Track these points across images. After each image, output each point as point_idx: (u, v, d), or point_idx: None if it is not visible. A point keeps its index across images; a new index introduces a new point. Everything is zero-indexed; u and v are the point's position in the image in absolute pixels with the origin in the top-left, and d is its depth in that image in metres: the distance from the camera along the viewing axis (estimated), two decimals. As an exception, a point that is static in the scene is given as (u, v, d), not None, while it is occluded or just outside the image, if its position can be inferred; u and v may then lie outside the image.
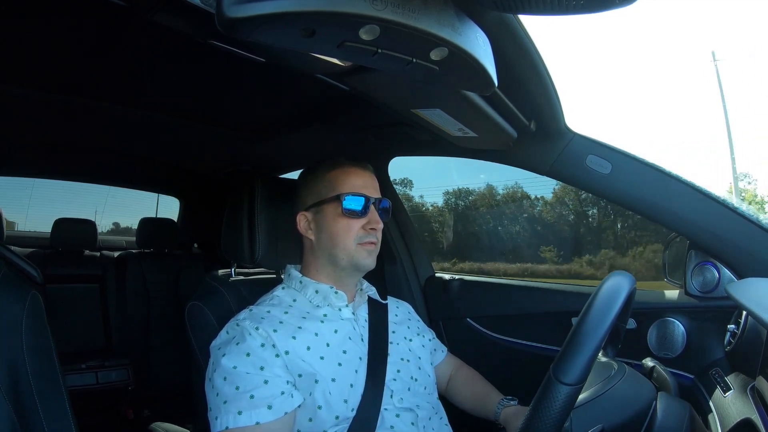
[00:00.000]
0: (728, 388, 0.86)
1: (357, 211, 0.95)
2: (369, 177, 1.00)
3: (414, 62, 0.56)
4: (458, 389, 1.14)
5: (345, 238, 0.95)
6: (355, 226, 0.95)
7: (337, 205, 0.95)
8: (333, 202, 0.96)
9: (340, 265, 0.96)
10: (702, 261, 1.07)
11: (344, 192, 0.95)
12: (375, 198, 0.98)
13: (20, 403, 0.71)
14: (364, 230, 0.96)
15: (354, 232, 0.95)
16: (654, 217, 1.07)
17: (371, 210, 0.97)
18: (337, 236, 0.95)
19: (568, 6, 0.48)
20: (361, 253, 0.95)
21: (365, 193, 0.97)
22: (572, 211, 4.91)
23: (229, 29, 0.44)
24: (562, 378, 0.58)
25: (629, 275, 0.66)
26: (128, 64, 1.07)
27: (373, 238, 0.97)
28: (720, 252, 1.03)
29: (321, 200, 0.97)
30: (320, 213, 0.97)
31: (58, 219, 2.34)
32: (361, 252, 0.95)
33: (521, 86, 0.88)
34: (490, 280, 1.52)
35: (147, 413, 2.24)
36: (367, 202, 0.96)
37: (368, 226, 0.96)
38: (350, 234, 0.95)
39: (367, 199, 0.96)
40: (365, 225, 0.96)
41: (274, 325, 0.88)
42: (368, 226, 0.96)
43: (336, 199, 0.95)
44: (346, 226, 0.95)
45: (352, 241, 0.95)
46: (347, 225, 0.95)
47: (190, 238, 2.76)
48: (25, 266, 0.89)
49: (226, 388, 0.81)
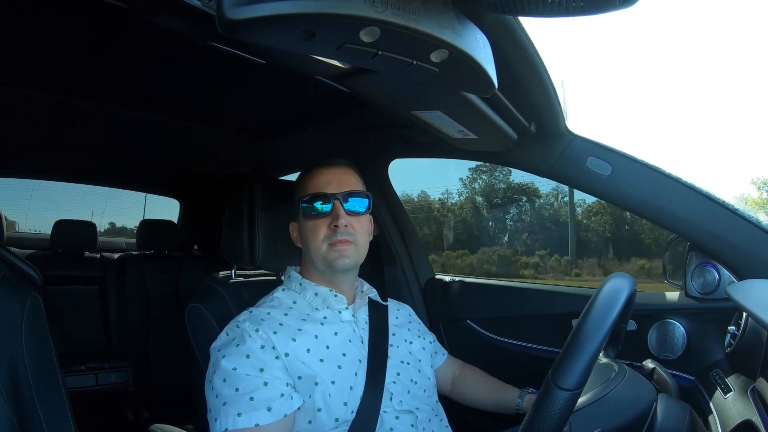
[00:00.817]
0: (729, 390, 0.86)
1: (318, 210, 0.93)
2: (337, 172, 0.97)
3: (414, 64, 0.56)
4: (469, 387, 1.14)
5: (314, 240, 0.94)
6: (321, 226, 0.93)
7: (302, 209, 0.95)
8: (299, 206, 0.95)
9: (319, 269, 0.96)
10: (702, 262, 1.07)
11: (304, 194, 0.95)
12: (338, 193, 0.94)
13: (20, 405, 0.71)
14: (330, 229, 0.93)
15: (321, 233, 0.93)
16: (654, 219, 1.07)
17: (334, 206, 0.93)
18: (308, 239, 0.95)
19: (568, 8, 0.48)
20: (331, 253, 0.93)
21: (326, 190, 0.94)
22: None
23: (229, 31, 0.44)
24: (560, 383, 0.57)
25: (629, 277, 0.65)
26: (128, 66, 1.07)
27: (340, 236, 0.92)
28: (720, 253, 1.02)
29: (296, 207, 0.97)
30: (297, 219, 0.98)
31: (58, 220, 2.34)
32: (331, 253, 0.93)
33: (521, 88, 0.88)
34: (490, 281, 1.52)
35: (147, 415, 2.24)
36: (328, 200, 0.93)
37: (332, 224, 0.93)
38: (317, 235, 0.93)
39: (326, 196, 0.93)
40: (330, 223, 0.93)
41: (274, 327, 0.88)
42: (332, 224, 0.93)
43: (299, 203, 0.95)
44: (312, 228, 0.94)
45: (320, 242, 0.93)
46: (313, 227, 0.94)
47: (190, 240, 2.76)
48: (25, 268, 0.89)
49: (226, 389, 0.81)
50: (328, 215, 0.93)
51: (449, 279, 1.53)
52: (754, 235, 0.97)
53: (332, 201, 0.93)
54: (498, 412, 1.10)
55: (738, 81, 19.57)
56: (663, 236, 4.56)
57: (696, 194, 1.02)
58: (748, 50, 23.42)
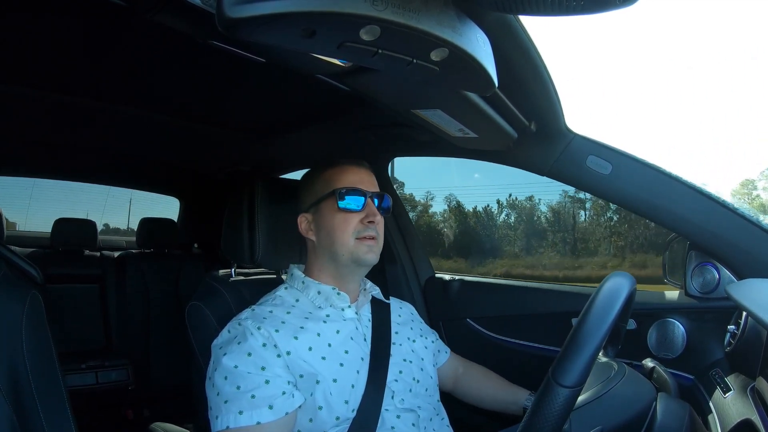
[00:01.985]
0: (728, 389, 0.86)
1: (354, 204, 0.95)
2: (365, 173, 1.00)
3: (414, 63, 0.56)
4: (475, 384, 1.15)
5: (343, 233, 0.94)
6: (353, 220, 0.94)
7: (333, 201, 0.95)
8: (329, 198, 0.95)
9: (341, 262, 0.96)
10: (702, 262, 1.07)
11: (339, 187, 0.95)
12: (372, 192, 0.97)
13: (20, 403, 0.71)
14: (362, 224, 0.94)
15: (352, 226, 0.94)
16: (654, 218, 1.07)
17: (368, 203, 0.96)
18: (335, 232, 0.95)
19: (569, 7, 0.48)
20: (360, 248, 0.94)
21: (361, 186, 0.96)
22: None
23: (229, 29, 0.44)
24: (561, 381, 0.57)
25: (629, 276, 0.65)
26: (128, 64, 1.07)
27: (372, 232, 0.95)
28: (720, 253, 1.03)
29: (318, 199, 0.97)
30: (318, 212, 0.97)
31: (58, 219, 2.34)
32: (360, 247, 0.94)
33: (521, 87, 0.88)
34: (490, 280, 1.52)
35: (147, 413, 2.24)
36: (363, 196, 0.95)
37: (366, 220, 0.94)
38: (348, 228, 0.94)
39: (363, 192, 0.96)
40: (363, 219, 0.94)
41: (276, 325, 0.88)
42: (366, 220, 0.94)
43: (332, 195, 0.95)
44: (343, 221, 0.94)
45: (350, 235, 0.94)
46: (344, 219, 0.94)
47: (190, 239, 2.76)
48: (25, 266, 0.89)
49: (227, 387, 0.81)
50: (361, 211, 0.95)
51: (449, 278, 1.53)
52: (753, 234, 0.97)
53: (368, 198, 0.96)
54: (503, 411, 1.10)
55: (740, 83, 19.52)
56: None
57: (696, 193, 1.02)
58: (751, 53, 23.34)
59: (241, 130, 1.54)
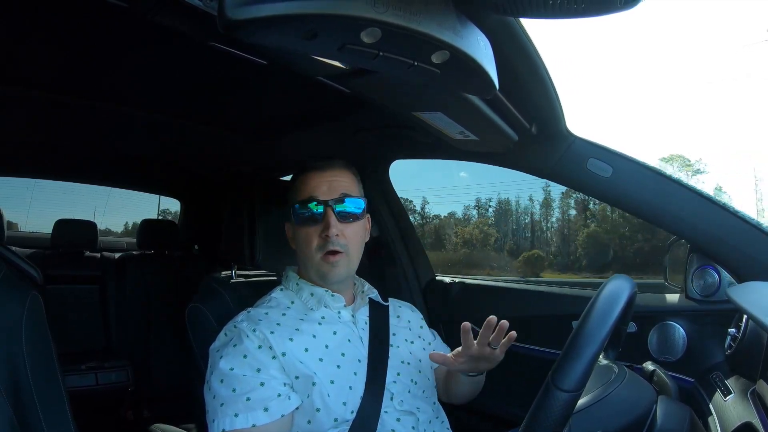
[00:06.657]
0: (729, 392, 0.86)
1: (311, 219, 0.90)
2: (329, 175, 0.93)
3: (415, 65, 0.56)
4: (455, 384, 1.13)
5: (307, 249, 0.91)
6: (313, 235, 0.90)
7: (293, 217, 0.93)
8: (290, 212, 0.94)
9: (312, 280, 0.95)
10: (702, 264, 1.07)
11: (297, 200, 0.92)
12: (329, 199, 0.90)
13: (19, 404, 0.71)
14: (321, 238, 0.90)
15: (314, 242, 0.90)
16: (655, 221, 1.07)
17: (327, 213, 0.89)
18: (300, 247, 0.93)
19: (570, 9, 0.48)
20: (323, 266, 0.90)
21: (316, 195, 0.90)
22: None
23: (230, 31, 0.44)
24: (560, 385, 0.57)
25: (630, 279, 0.65)
26: (129, 65, 1.07)
27: (333, 246, 0.88)
28: (720, 255, 1.02)
29: (288, 210, 0.95)
30: (291, 223, 0.96)
31: (59, 220, 2.34)
32: (323, 266, 0.90)
33: (522, 89, 0.88)
34: (491, 283, 1.52)
35: (147, 414, 2.24)
36: (322, 205, 0.90)
37: (323, 233, 0.89)
38: (311, 245, 0.90)
39: (320, 202, 0.90)
40: (321, 233, 0.90)
41: (272, 326, 0.88)
42: (323, 233, 0.89)
43: (290, 209, 0.93)
44: (305, 237, 0.91)
45: (314, 251, 0.90)
46: (306, 235, 0.91)
47: (190, 240, 2.76)
48: (25, 267, 0.89)
49: (223, 390, 0.81)
50: (319, 223, 0.90)
51: (450, 280, 1.53)
52: (754, 237, 0.97)
53: (324, 208, 0.90)
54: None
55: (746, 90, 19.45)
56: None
57: (696, 196, 1.02)
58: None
59: (242, 132, 1.54)
